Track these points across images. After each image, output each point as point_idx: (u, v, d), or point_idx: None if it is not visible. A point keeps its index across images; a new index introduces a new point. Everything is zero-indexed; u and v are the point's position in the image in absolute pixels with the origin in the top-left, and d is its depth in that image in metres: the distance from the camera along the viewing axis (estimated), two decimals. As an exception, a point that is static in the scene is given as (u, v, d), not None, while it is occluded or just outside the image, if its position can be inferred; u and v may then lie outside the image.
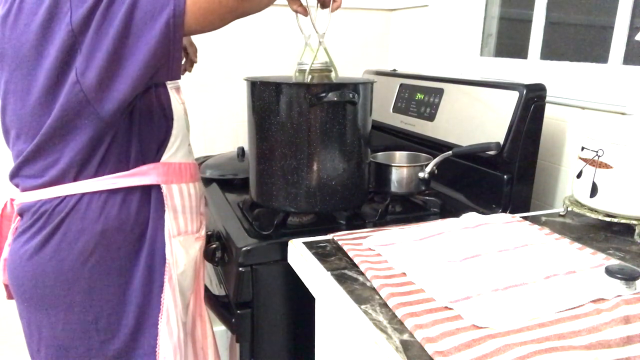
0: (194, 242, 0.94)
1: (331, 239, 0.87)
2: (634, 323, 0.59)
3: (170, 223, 0.88)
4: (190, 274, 0.94)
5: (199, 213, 0.98)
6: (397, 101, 1.46)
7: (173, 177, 0.88)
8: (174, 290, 0.88)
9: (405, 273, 0.72)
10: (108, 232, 0.81)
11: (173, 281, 0.87)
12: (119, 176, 0.81)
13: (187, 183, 0.92)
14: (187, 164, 0.92)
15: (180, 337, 0.89)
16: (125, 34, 0.69)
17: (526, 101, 1.04)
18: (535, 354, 0.52)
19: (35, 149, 0.78)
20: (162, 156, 0.86)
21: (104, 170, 0.80)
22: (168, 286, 0.86)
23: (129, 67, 0.70)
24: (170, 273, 0.87)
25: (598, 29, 1.25)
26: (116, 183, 0.81)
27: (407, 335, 0.58)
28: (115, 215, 0.81)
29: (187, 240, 0.92)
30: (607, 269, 0.68)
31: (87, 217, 0.80)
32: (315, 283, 0.78)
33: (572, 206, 0.95)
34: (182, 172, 0.90)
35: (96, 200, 0.80)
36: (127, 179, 0.82)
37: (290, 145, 0.95)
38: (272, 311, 0.96)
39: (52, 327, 0.82)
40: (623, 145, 0.86)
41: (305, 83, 0.96)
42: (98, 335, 0.83)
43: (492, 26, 1.59)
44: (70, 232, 0.79)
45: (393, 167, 1.10)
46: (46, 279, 0.80)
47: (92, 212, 0.80)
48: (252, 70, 1.75)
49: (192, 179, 0.94)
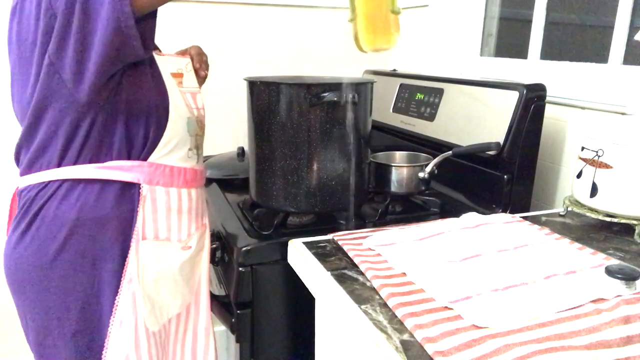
0: (177, 251, 0.90)
1: (331, 239, 0.87)
2: (634, 323, 0.59)
3: (144, 225, 0.85)
4: (170, 285, 0.89)
5: (194, 221, 0.93)
6: (397, 101, 1.46)
7: (160, 178, 0.86)
8: (134, 295, 0.83)
9: (405, 273, 0.72)
10: (83, 221, 0.80)
11: (133, 285, 0.83)
12: (98, 167, 0.81)
13: (180, 188, 0.89)
14: (183, 169, 0.89)
15: (141, 347, 0.84)
16: (84, 9, 0.70)
17: (526, 101, 1.04)
18: (535, 354, 0.52)
19: (25, 134, 0.81)
20: (149, 155, 0.84)
21: (84, 158, 0.80)
22: (126, 289, 0.82)
23: (94, 45, 0.71)
24: (131, 276, 0.83)
25: (598, 29, 1.25)
26: (95, 173, 0.81)
27: (407, 335, 0.58)
28: (91, 205, 0.81)
29: (164, 247, 0.88)
30: (607, 269, 0.68)
31: (64, 204, 0.80)
32: (315, 283, 0.78)
33: (572, 206, 0.95)
34: (173, 175, 0.88)
35: (75, 188, 0.80)
36: (106, 171, 0.81)
37: (290, 145, 0.95)
38: (272, 311, 0.96)
39: (32, 310, 0.83)
40: (623, 145, 0.86)
41: (305, 83, 0.96)
42: (70, 323, 0.82)
43: (492, 26, 1.59)
44: (48, 218, 0.80)
45: (393, 167, 1.10)
46: (25, 265, 0.81)
47: (70, 199, 0.80)
48: (252, 70, 1.75)
49: (187, 184, 0.90)
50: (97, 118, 0.79)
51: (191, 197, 0.92)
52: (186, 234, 0.92)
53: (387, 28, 0.78)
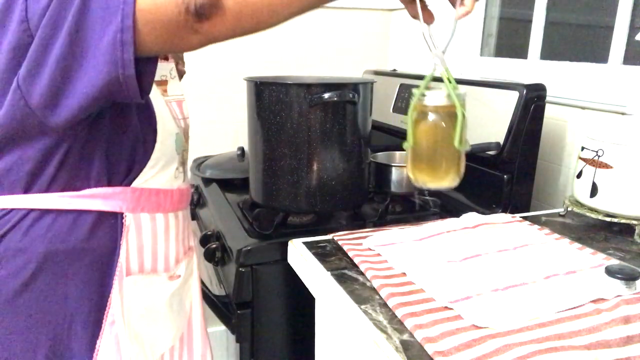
0: (165, 283, 0.82)
1: (331, 239, 0.87)
2: (634, 323, 0.59)
3: (128, 259, 0.75)
4: (159, 320, 0.81)
5: (182, 246, 0.86)
6: (397, 101, 1.46)
7: (145, 205, 0.76)
8: (117, 338, 0.74)
9: (405, 273, 0.72)
10: (53, 256, 0.70)
11: (117, 327, 0.74)
12: (73, 195, 0.70)
13: (167, 213, 0.80)
14: (170, 191, 0.80)
15: None
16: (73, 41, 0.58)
17: (526, 101, 1.04)
18: (535, 354, 0.52)
19: None
20: (133, 180, 0.75)
21: (57, 185, 0.70)
22: (108, 332, 0.73)
23: (79, 84, 0.59)
24: (114, 318, 0.73)
25: (598, 29, 1.25)
26: (69, 203, 0.70)
27: (407, 335, 0.58)
28: (62, 238, 0.70)
29: (150, 280, 0.79)
30: (607, 269, 0.68)
31: (30, 236, 0.69)
32: (315, 283, 0.78)
33: (572, 206, 0.95)
34: (160, 199, 0.79)
35: (44, 217, 0.70)
36: (81, 200, 0.71)
37: (290, 145, 0.95)
38: (272, 311, 0.96)
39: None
40: (623, 145, 0.86)
41: (305, 83, 0.96)
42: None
43: (492, 26, 1.59)
44: (9, 251, 0.69)
45: (393, 167, 1.10)
46: None
47: (37, 230, 0.69)
48: (252, 70, 1.75)
49: (174, 207, 0.82)
50: (74, 144, 0.68)
51: (178, 221, 0.84)
52: (174, 262, 0.84)
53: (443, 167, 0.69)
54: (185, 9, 0.56)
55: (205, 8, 0.56)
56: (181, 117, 0.86)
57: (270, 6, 0.59)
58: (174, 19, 0.57)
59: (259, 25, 0.61)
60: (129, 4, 0.56)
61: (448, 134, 0.66)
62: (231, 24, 0.58)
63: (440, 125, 0.67)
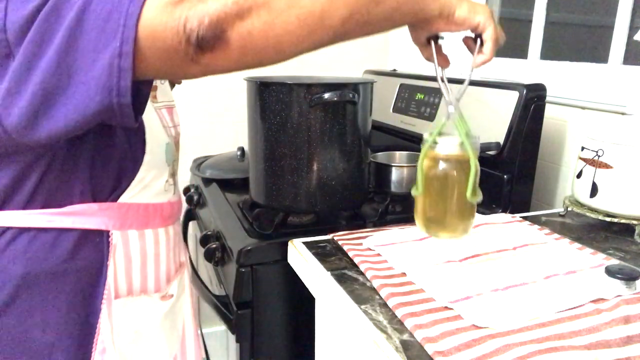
0: (156, 303, 0.77)
1: (331, 239, 0.87)
2: (634, 323, 0.59)
3: (116, 280, 0.71)
4: (152, 342, 0.77)
5: (173, 263, 0.81)
6: (397, 101, 1.46)
7: (133, 221, 0.71)
8: None
9: (405, 273, 0.71)
10: (32, 278, 0.65)
11: (108, 355, 0.69)
12: (54, 212, 0.65)
13: (156, 228, 0.76)
14: (159, 205, 0.76)
15: None
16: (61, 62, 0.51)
17: (526, 101, 1.04)
18: (535, 354, 0.52)
19: None
20: (120, 195, 0.70)
21: (36, 202, 0.64)
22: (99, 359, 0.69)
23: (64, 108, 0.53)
24: (104, 345, 0.69)
25: (598, 29, 1.25)
26: (49, 221, 0.65)
27: (407, 335, 0.58)
28: (42, 258, 0.65)
29: (140, 302, 0.75)
30: (607, 269, 0.68)
31: (6, 256, 0.64)
32: (315, 283, 0.78)
33: (572, 206, 0.95)
34: (149, 214, 0.74)
35: (21, 236, 0.64)
36: (63, 218, 0.65)
37: (290, 145, 0.95)
38: (272, 311, 0.96)
39: None
40: (623, 145, 0.86)
41: (305, 83, 0.96)
42: None
43: (492, 26, 1.59)
44: None
45: (393, 167, 1.10)
46: None
47: (14, 250, 0.64)
48: (252, 70, 1.74)
49: (164, 222, 0.77)
50: (55, 159, 0.63)
51: (169, 236, 0.79)
52: (165, 280, 0.79)
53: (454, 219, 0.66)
54: (187, 39, 0.51)
55: (207, 40, 0.51)
56: (171, 124, 0.81)
57: (277, 45, 0.54)
58: (173, 47, 0.51)
59: (263, 61, 0.57)
60: (130, 28, 0.50)
61: (460, 184, 0.64)
62: (234, 59, 0.54)
63: (452, 175, 0.65)
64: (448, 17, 0.66)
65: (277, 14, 0.52)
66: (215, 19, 0.50)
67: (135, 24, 0.50)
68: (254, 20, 0.51)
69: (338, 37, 0.58)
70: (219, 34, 0.51)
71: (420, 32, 0.70)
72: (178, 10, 0.50)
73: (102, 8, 0.50)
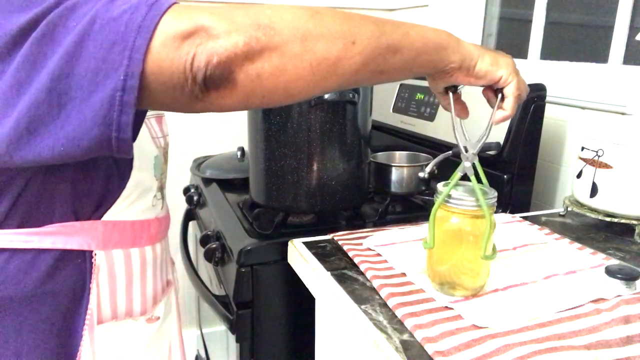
0: (142, 327, 0.73)
1: (331, 239, 0.87)
2: (634, 323, 0.59)
3: (99, 304, 0.66)
4: None
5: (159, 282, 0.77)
6: (397, 101, 1.46)
7: (118, 240, 0.67)
8: None
9: (405, 273, 0.72)
10: (7, 301, 0.60)
11: None
12: (31, 233, 0.60)
13: (143, 247, 0.71)
14: (146, 222, 0.71)
15: None
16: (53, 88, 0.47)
17: (526, 101, 1.04)
18: (535, 354, 0.52)
19: None
20: (104, 213, 0.65)
21: (12, 221, 0.59)
22: None
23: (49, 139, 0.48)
24: None
25: (598, 29, 1.25)
26: (25, 241, 0.59)
27: (407, 335, 0.58)
28: (17, 281, 0.59)
29: (125, 326, 0.70)
30: (607, 269, 0.68)
31: None
32: (315, 283, 0.78)
33: (572, 206, 0.95)
34: (135, 232, 0.69)
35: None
36: (41, 238, 0.60)
37: (290, 145, 0.95)
38: (272, 311, 0.96)
39: None
40: (623, 145, 0.86)
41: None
42: None
43: (492, 26, 1.59)
44: None
45: (393, 167, 1.10)
46: None
47: None
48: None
49: (151, 240, 0.73)
50: (34, 176, 0.58)
51: (156, 254, 0.74)
52: (151, 302, 0.75)
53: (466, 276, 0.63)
54: (193, 77, 0.47)
55: (214, 79, 0.48)
56: (160, 134, 0.77)
57: (286, 90, 0.51)
58: (179, 84, 0.48)
59: (270, 103, 0.53)
60: (137, 61, 0.46)
61: (474, 241, 0.61)
62: (239, 99, 0.51)
63: (466, 231, 0.62)
64: (468, 69, 0.62)
65: (289, 58, 0.49)
66: (224, 60, 0.47)
67: (142, 58, 0.46)
68: (265, 63, 0.48)
69: (349, 85, 0.56)
70: (227, 75, 0.48)
71: (439, 81, 0.66)
72: (186, 45, 0.46)
73: (105, 37, 0.46)
